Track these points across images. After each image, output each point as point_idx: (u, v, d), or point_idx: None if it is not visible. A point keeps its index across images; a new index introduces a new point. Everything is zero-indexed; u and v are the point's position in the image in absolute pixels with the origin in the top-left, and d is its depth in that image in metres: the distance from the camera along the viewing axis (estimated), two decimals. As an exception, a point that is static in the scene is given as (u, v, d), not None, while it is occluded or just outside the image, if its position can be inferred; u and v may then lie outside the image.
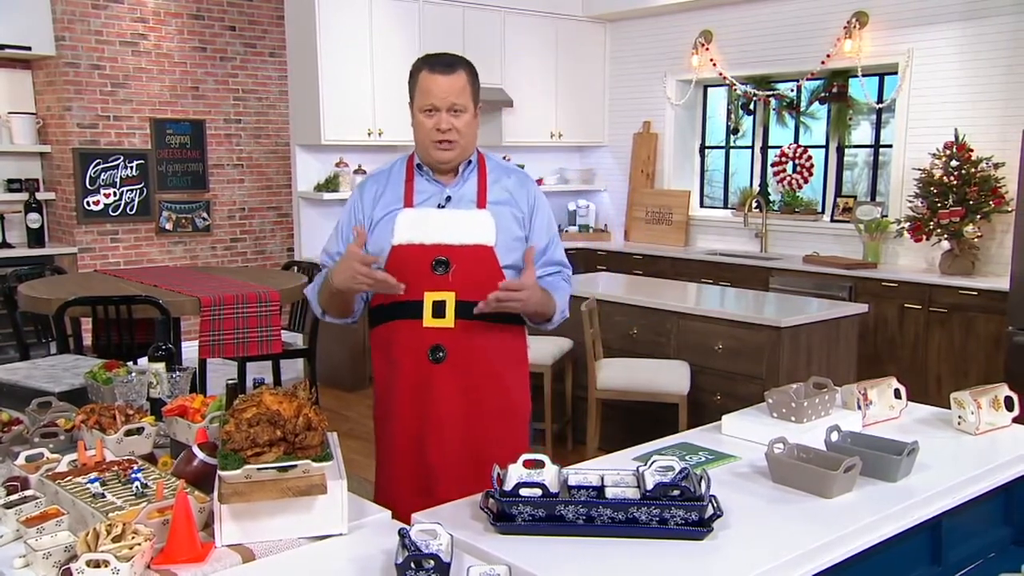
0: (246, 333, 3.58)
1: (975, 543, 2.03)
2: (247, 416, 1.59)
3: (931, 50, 5.63)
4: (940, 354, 5.18)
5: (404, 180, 2.26)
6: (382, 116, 6.25)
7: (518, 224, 2.26)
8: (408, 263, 2.17)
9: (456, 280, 2.17)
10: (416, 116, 2.21)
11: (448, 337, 2.18)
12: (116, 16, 6.53)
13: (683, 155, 7.34)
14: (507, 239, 2.23)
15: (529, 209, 2.29)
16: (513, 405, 2.31)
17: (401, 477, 2.25)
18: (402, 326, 2.21)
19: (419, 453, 2.22)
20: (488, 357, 2.23)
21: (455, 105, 2.17)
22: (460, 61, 2.22)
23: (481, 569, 1.42)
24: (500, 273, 2.19)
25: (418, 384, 2.21)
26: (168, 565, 1.45)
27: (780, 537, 1.61)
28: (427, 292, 2.17)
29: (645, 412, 4.30)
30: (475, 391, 2.22)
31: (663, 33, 7.18)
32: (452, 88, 2.16)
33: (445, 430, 2.21)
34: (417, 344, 2.19)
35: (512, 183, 2.30)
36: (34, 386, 2.28)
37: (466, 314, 2.17)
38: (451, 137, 2.18)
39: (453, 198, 2.24)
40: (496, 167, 2.32)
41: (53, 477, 1.68)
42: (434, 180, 2.26)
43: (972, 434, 2.18)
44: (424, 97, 2.18)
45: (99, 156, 6.54)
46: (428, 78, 2.17)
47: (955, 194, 5.22)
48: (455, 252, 2.18)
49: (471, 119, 2.21)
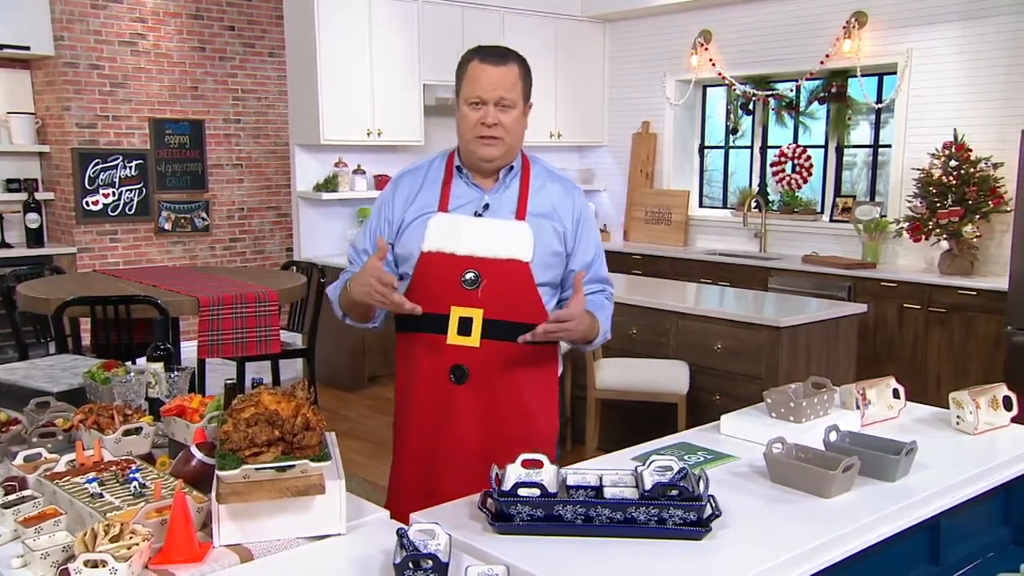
0: (245, 333, 3.58)
1: (974, 543, 2.03)
2: (245, 416, 1.59)
3: (930, 50, 5.63)
4: (939, 354, 5.18)
5: (442, 181, 2.13)
6: (381, 116, 6.25)
7: (558, 239, 2.10)
8: (436, 273, 2.05)
9: (486, 296, 2.03)
10: (461, 108, 2.07)
11: (472, 357, 2.05)
12: (115, 16, 6.53)
13: (682, 155, 7.34)
14: (545, 254, 2.08)
15: (574, 224, 2.14)
16: (538, 432, 2.15)
17: (410, 491, 2.14)
18: (424, 340, 2.09)
19: (429, 471, 2.11)
20: (514, 382, 2.09)
21: (504, 99, 2.03)
22: (513, 54, 2.08)
23: (479, 569, 1.42)
24: (534, 291, 2.06)
25: (435, 403, 2.09)
26: (166, 565, 1.44)
27: (778, 537, 1.61)
28: (454, 307, 2.03)
29: (644, 412, 4.30)
30: (496, 417, 2.09)
31: (662, 33, 7.18)
32: (502, 81, 2.02)
33: (459, 454, 2.09)
34: (438, 362, 2.07)
35: (557, 193, 2.14)
36: (32, 386, 2.28)
37: (493, 333, 2.03)
38: (496, 133, 2.03)
39: (491, 205, 2.09)
40: (542, 173, 2.16)
41: (51, 477, 1.68)
42: (473, 184, 2.11)
43: (971, 434, 2.17)
44: (471, 88, 2.04)
45: (98, 156, 6.54)
46: (477, 68, 2.04)
47: (954, 194, 5.22)
48: (487, 265, 2.04)
49: (519, 117, 2.07)
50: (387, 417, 5.44)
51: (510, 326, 2.04)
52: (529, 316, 2.06)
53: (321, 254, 6.32)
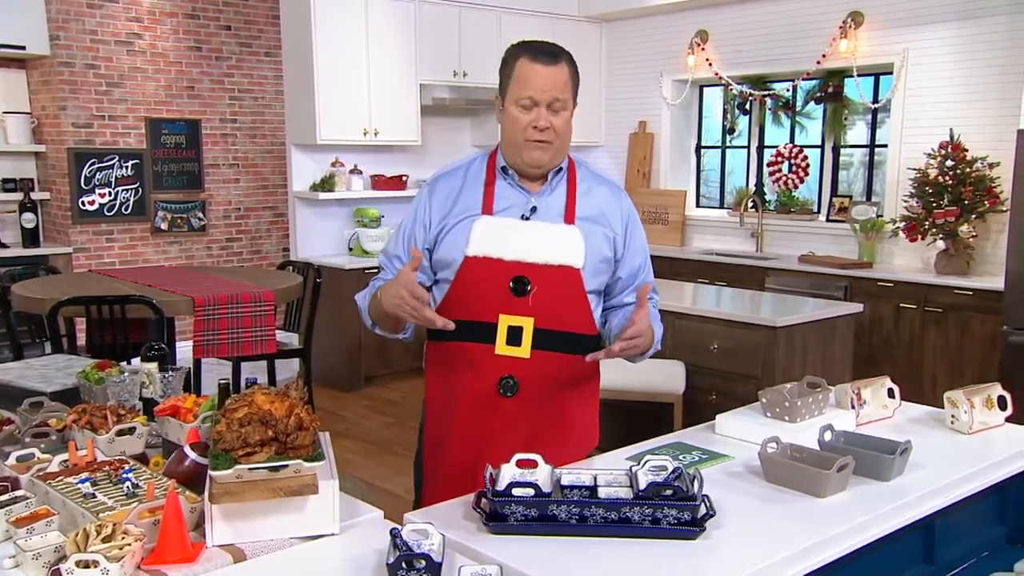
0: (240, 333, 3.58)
1: (969, 542, 2.03)
2: (238, 416, 1.59)
3: (926, 50, 5.63)
4: (936, 354, 5.18)
5: (484, 183, 2.02)
6: (378, 116, 6.25)
7: (608, 244, 2.02)
8: (482, 279, 1.95)
9: (536, 304, 1.93)
10: (508, 109, 1.96)
11: (522, 368, 1.95)
12: (111, 16, 6.52)
13: (679, 155, 7.34)
14: (595, 261, 2.00)
15: (623, 228, 2.06)
16: (580, 440, 2.12)
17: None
18: (470, 349, 1.98)
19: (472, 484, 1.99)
20: (562, 394, 2.03)
21: (557, 100, 1.93)
22: (564, 52, 1.98)
23: (472, 569, 1.41)
24: (585, 299, 1.99)
25: (482, 418, 2.00)
26: (158, 565, 1.44)
27: (773, 537, 1.61)
28: (503, 315, 1.94)
29: (641, 412, 4.30)
30: (545, 431, 2.02)
31: (659, 33, 7.18)
32: (555, 81, 1.92)
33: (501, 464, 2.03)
34: (486, 373, 1.97)
35: (605, 196, 2.06)
36: (26, 386, 2.28)
37: (545, 344, 1.95)
38: (548, 137, 1.93)
39: (539, 209, 1.99)
40: (588, 176, 2.07)
41: (44, 477, 1.67)
42: (519, 186, 2.02)
43: (965, 433, 2.17)
44: (522, 88, 1.93)
45: (94, 156, 6.53)
46: (528, 67, 1.93)
47: (950, 194, 5.22)
48: (537, 272, 1.94)
49: (569, 118, 1.98)
50: (384, 417, 5.46)
51: (560, 336, 1.97)
52: (579, 326, 2.00)
53: (318, 254, 6.32)
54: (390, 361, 6.17)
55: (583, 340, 2.02)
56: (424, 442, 2.18)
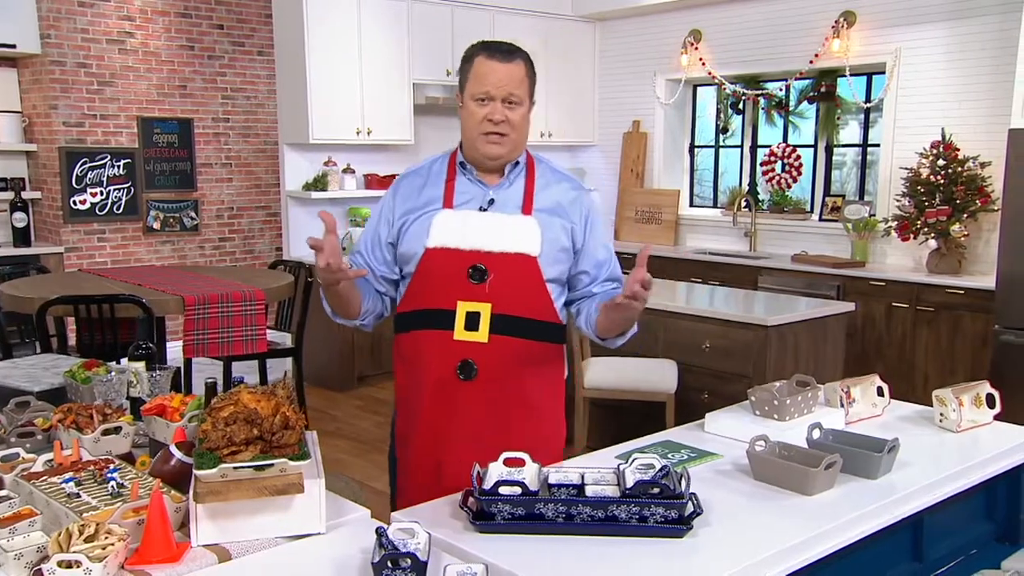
0: (231, 332, 3.56)
1: (957, 540, 2.03)
2: (224, 414, 1.58)
3: (918, 50, 5.64)
4: (927, 353, 5.19)
5: (445, 179, 2.10)
6: (371, 115, 6.23)
7: (566, 235, 2.07)
8: (442, 268, 2.02)
9: (494, 290, 2.00)
10: (467, 105, 2.05)
11: (480, 353, 2.01)
12: (102, 14, 6.49)
13: (673, 154, 7.34)
14: (552, 250, 2.05)
15: (583, 220, 2.11)
16: (546, 438, 2.13)
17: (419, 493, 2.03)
18: (430, 336, 2.04)
19: (436, 475, 2.06)
20: (522, 380, 2.06)
21: (511, 96, 2.01)
22: (520, 51, 2.07)
23: (458, 568, 1.41)
24: (543, 286, 2.04)
25: (442, 402, 2.05)
26: (142, 565, 1.43)
27: (760, 534, 1.61)
28: (460, 301, 2.00)
29: (633, 411, 4.30)
30: (504, 415, 2.05)
31: (652, 32, 7.18)
32: (511, 77, 2.01)
33: (465, 453, 1.99)
34: (445, 358, 2.03)
35: (564, 190, 2.11)
36: (13, 385, 2.26)
37: (502, 329, 2.01)
38: (503, 130, 2.01)
39: (497, 201, 2.07)
40: (547, 171, 2.14)
41: (28, 477, 1.66)
42: (477, 180, 2.09)
43: (953, 431, 2.18)
44: (478, 84, 2.02)
45: (85, 155, 6.50)
46: (485, 64, 2.02)
47: (942, 193, 5.23)
48: (494, 260, 2.01)
49: (526, 113, 2.06)
50: (376, 417, 5.45)
51: (519, 321, 2.03)
52: (537, 312, 2.05)
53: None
54: (382, 361, 6.15)
55: (542, 326, 2.07)
56: (395, 432, 2.23)
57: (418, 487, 2.07)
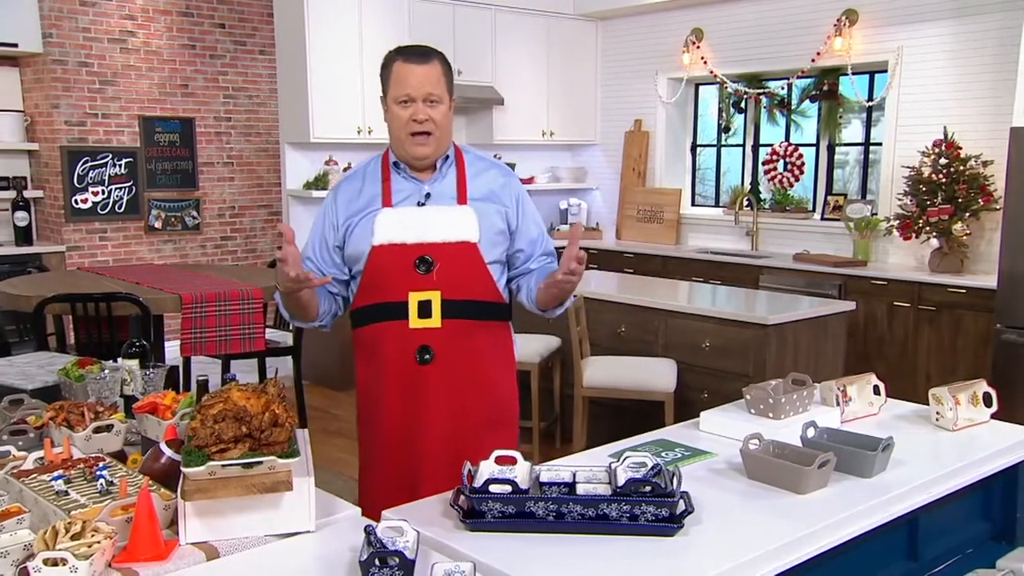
0: (228, 331, 3.56)
1: (952, 539, 2.02)
2: (213, 412, 1.57)
3: (921, 48, 5.62)
4: (929, 352, 5.17)
5: (381, 179, 2.20)
6: (371, 114, 6.22)
7: (501, 218, 2.21)
8: (390, 264, 2.14)
9: (441, 279, 2.13)
10: (391, 108, 2.16)
11: (435, 337, 2.14)
12: (104, 13, 6.50)
13: (674, 153, 7.33)
14: (490, 234, 2.19)
15: (514, 202, 2.25)
16: (501, 406, 2.28)
17: (387, 480, 2.21)
18: (388, 328, 2.17)
19: (406, 456, 2.18)
20: (476, 357, 2.20)
21: (431, 95, 2.13)
22: (434, 51, 2.18)
23: (446, 566, 1.40)
24: (485, 269, 2.17)
25: (406, 387, 2.17)
26: (130, 563, 1.43)
27: (752, 533, 1.60)
28: (411, 292, 2.13)
29: (632, 410, 4.29)
30: (463, 392, 2.18)
31: (654, 31, 7.17)
32: (428, 78, 2.12)
33: (433, 432, 2.17)
34: (404, 346, 2.15)
35: (493, 176, 2.25)
36: (6, 383, 2.27)
37: (453, 313, 2.14)
38: (428, 128, 2.13)
39: (433, 195, 2.19)
40: (475, 160, 2.27)
41: (18, 475, 1.66)
42: (411, 177, 2.20)
43: (950, 430, 2.16)
44: (399, 87, 2.13)
45: (87, 154, 6.51)
46: (403, 68, 2.13)
47: (944, 192, 5.21)
48: (438, 250, 2.13)
49: (447, 111, 2.17)
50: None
51: (467, 305, 2.17)
52: (483, 293, 2.20)
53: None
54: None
55: (488, 307, 2.22)
56: (359, 423, 2.34)
57: (385, 469, 2.22)
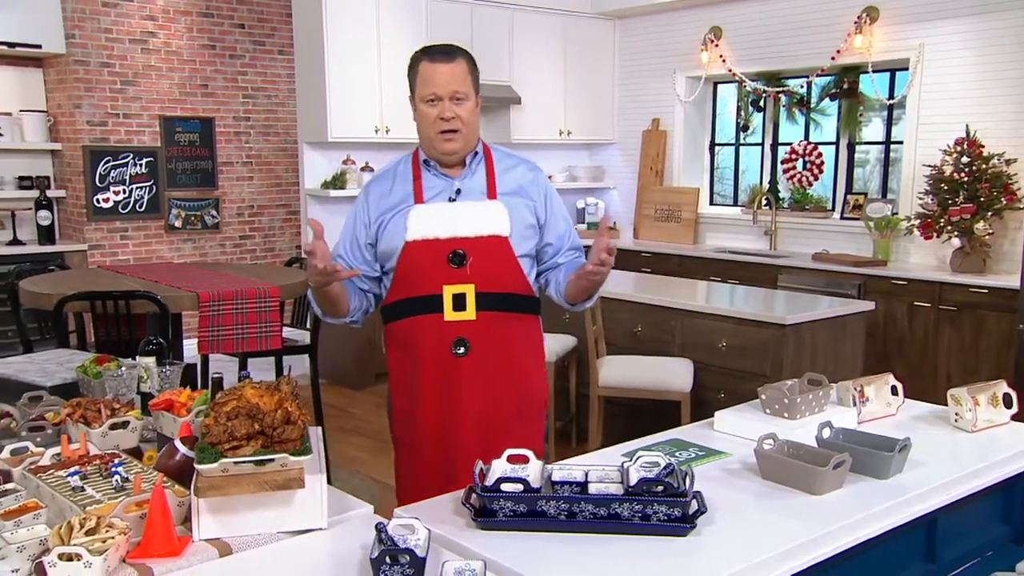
0: (245, 329, 3.58)
1: (971, 541, 2.00)
2: (226, 409, 1.58)
3: (943, 45, 5.56)
4: (950, 352, 5.11)
5: (412, 177, 2.25)
6: (389, 113, 6.24)
7: (530, 212, 2.25)
8: (424, 258, 2.17)
9: (474, 272, 2.16)
10: (418, 108, 2.20)
11: (471, 330, 2.18)
12: (126, 14, 6.56)
13: (692, 152, 7.29)
14: (521, 228, 2.22)
15: (542, 197, 2.29)
16: (532, 397, 2.31)
17: (427, 472, 2.23)
18: (423, 321, 2.19)
19: (444, 447, 2.21)
20: (510, 348, 2.23)
21: (457, 93, 2.16)
22: (459, 50, 2.21)
23: (456, 564, 1.40)
24: (516, 263, 2.20)
25: (442, 379, 2.20)
26: (143, 559, 1.44)
27: (765, 534, 1.59)
28: (446, 286, 2.16)
29: (648, 410, 4.27)
30: (496, 383, 2.21)
31: (672, 30, 7.14)
32: (454, 76, 2.16)
33: (467, 423, 2.19)
34: (440, 338, 2.18)
35: (521, 172, 2.29)
36: (26, 380, 2.29)
37: (487, 306, 2.17)
38: (455, 126, 2.17)
39: (463, 190, 2.23)
40: (503, 157, 2.31)
41: (35, 471, 1.67)
42: (442, 174, 2.24)
43: (969, 431, 2.14)
44: (426, 87, 2.17)
45: (109, 153, 6.57)
46: (429, 67, 2.17)
47: (966, 191, 5.15)
48: (470, 244, 2.17)
49: (473, 107, 2.20)
50: (393, 414, 5.45)
51: (500, 297, 2.20)
52: (515, 287, 2.23)
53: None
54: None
55: (521, 299, 2.25)
56: (393, 417, 2.35)
57: (425, 460, 2.23)
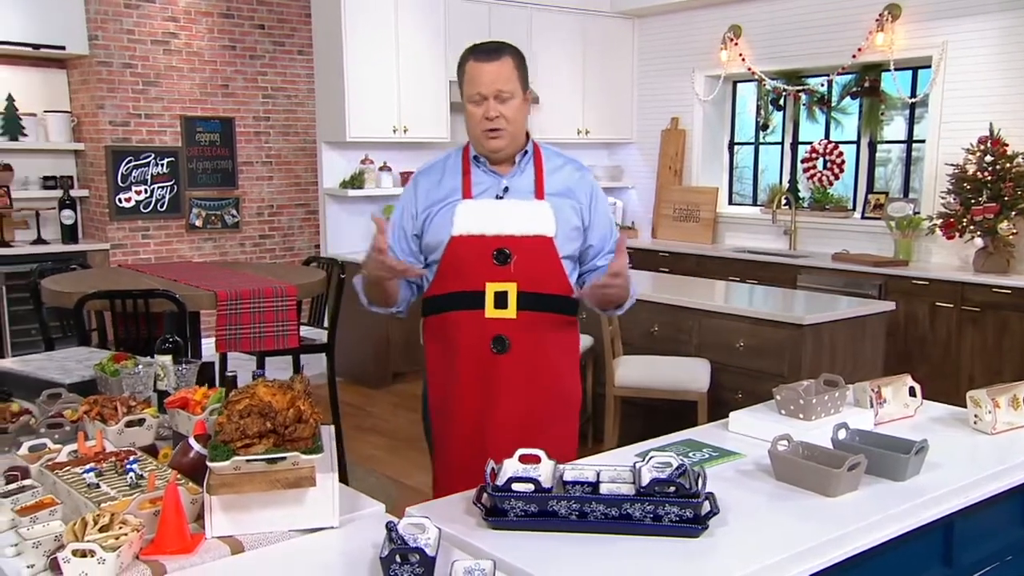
0: (262, 328, 3.60)
1: (990, 545, 1.97)
2: (239, 407, 1.59)
3: (966, 42, 5.49)
4: (973, 353, 5.05)
5: (461, 172, 2.26)
6: (407, 113, 6.26)
7: (576, 215, 2.25)
8: (468, 253, 2.18)
9: (517, 270, 2.17)
10: (467, 107, 2.22)
11: (511, 328, 2.18)
12: (148, 15, 6.62)
13: (712, 152, 7.26)
14: (566, 230, 2.22)
15: (588, 199, 2.28)
16: (566, 397, 2.32)
17: (463, 467, 2.21)
18: (463, 317, 2.20)
19: (480, 443, 2.20)
20: (547, 349, 2.24)
21: (502, 92, 2.16)
22: (505, 47, 2.21)
23: (466, 564, 1.40)
24: (559, 264, 2.21)
25: (480, 375, 2.20)
26: (156, 556, 1.45)
27: (778, 536, 1.58)
28: (488, 283, 2.17)
29: (665, 410, 4.25)
30: (532, 382, 2.22)
31: (691, 28, 7.11)
32: (498, 75, 2.16)
33: (502, 420, 2.20)
34: (480, 335, 2.19)
35: (569, 173, 2.29)
36: (46, 377, 2.31)
37: (528, 305, 2.18)
38: (499, 125, 2.17)
39: (511, 188, 2.23)
40: (552, 156, 2.31)
41: (52, 467, 1.69)
42: (491, 171, 2.25)
43: (988, 433, 2.11)
44: (471, 86, 2.18)
45: (131, 154, 6.64)
46: (474, 67, 2.18)
47: (989, 190, 5.09)
48: (515, 243, 2.17)
49: (520, 105, 2.20)
50: (411, 414, 5.47)
51: (541, 297, 2.20)
52: (557, 287, 2.23)
53: (347, 251, 6.35)
54: (418, 358, 6.11)
55: (561, 301, 2.25)
56: (429, 411, 2.36)
57: (460, 455, 2.24)
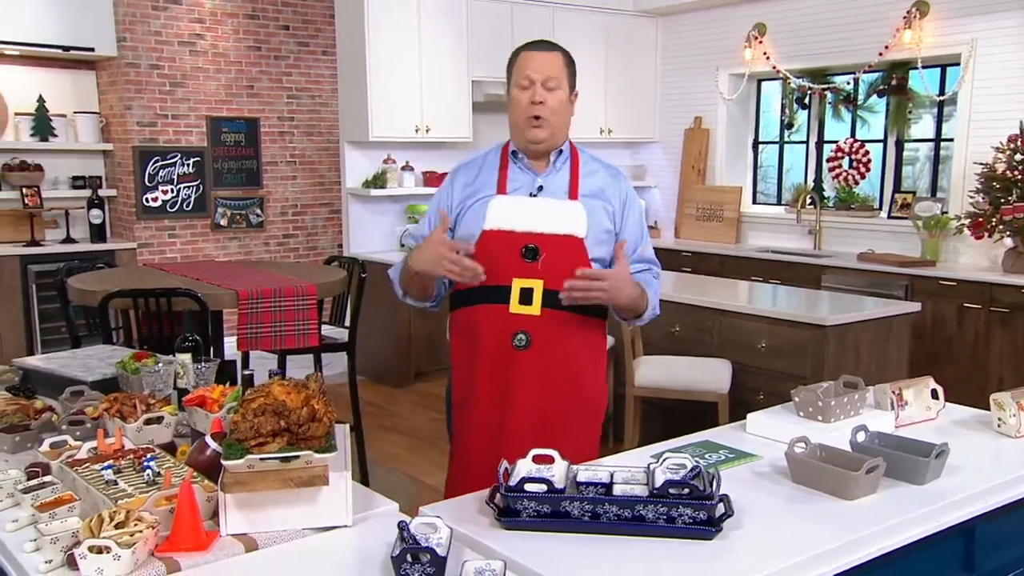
0: (283, 326, 3.63)
1: (1014, 551, 1.94)
2: (254, 406, 1.60)
3: (996, 39, 5.41)
4: (1002, 355, 4.97)
5: (498, 167, 2.28)
6: (430, 113, 6.28)
7: (608, 218, 2.25)
8: (498, 249, 2.19)
9: (545, 268, 2.17)
10: (513, 94, 2.23)
11: (533, 325, 2.18)
12: (175, 17, 6.69)
13: (735, 151, 7.20)
14: (597, 232, 2.23)
15: (621, 205, 2.28)
16: (589, 400, 2.30)
17: (479, 463, 2.21)
18: (487, 310, 2.21)
19: (497, 437, 2.20)
20: (570, 349, 2.22)
21: (550, 79, 2.18)
22: (559, 46, 2.27)
23: (477, 564, 1.40)
24: (588, 265, 2.20)
25: (500, 370, 2.20)
26: (171, 553, 1.46)
27: (794, 538, 1.56)
28: (515, 279, 2.18)
29: (686, 411, 4.23)
30: (554, 382, 2.21)
31: (715, 27, 7.06)
32: (549, 63, 2.19)
33: (519, 416, 2.19)
34: (501, 329, 2.19)
35: (604, 177, 2.30)
36: (69, 375, 2.34)
37: (553, 303, 2.17)
38: (543, 112, 2.18)
39: (545, 187, 2.25)
40: (589, 160, 2.32)
41: (72, 464, 1.71)
42: (527, 169, 2.27)
43: (1012, 437, 2.08)
44: (520, 72, 2.21)
45: (158, 154, 6.71)
46: (526, 55, 2.22)
47: (1019, 189, 5.01)
48: (545, 241, 2.18)
49: (565, 99, 2.22)
50: (433, 413, 5.48)
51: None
52: None
53: (369, 250, 6.38)
54: (440, 357, 6.18)
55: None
56: (451, 403, 2.38)
57: (476, 451, 2.24)
